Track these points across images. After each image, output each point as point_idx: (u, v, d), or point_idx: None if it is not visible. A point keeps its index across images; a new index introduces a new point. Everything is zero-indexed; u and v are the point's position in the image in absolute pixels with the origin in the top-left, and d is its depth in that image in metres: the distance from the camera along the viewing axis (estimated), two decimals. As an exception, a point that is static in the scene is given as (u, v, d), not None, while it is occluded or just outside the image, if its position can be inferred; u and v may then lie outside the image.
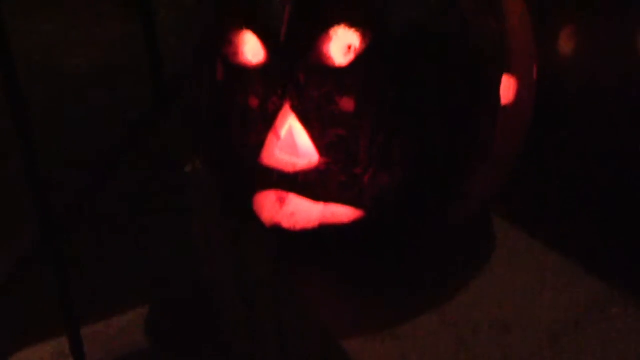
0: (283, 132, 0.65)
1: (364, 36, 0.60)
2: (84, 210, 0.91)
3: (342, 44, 0.61)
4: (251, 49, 0.65)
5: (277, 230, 0.69)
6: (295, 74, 0.62)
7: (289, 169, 0.65)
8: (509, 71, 0.63)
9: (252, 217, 0.71)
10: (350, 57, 0.61)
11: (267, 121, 0.65)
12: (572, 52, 0.78)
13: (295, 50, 0.62)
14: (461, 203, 0.66)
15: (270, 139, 0.65)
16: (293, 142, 0.66)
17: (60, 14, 3.03)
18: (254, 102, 0.65)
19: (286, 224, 0.68)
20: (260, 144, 0.66)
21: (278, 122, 0.64)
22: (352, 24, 0.60)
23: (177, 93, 0.86)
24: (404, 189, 0.62)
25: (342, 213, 0.66)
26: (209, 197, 0.99)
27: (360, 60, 0.60)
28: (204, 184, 1.00)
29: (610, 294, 0.65)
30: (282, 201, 0.69)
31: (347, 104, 0.61)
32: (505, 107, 0.63)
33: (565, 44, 0.78)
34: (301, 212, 0.68)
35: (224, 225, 0.89)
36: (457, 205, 0.66)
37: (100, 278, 1.34)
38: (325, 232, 0.67)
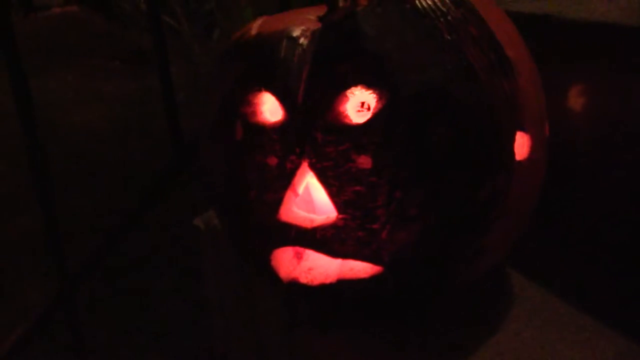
0: (301, 189, 0.66)
1: (380, 96, 0.61)
2: (98, 269, 0.91)
3: (358, 104, 0.63)
4: (269, 108, 0.67)
5: (294, 285, 0.69)
6: (312, 132, 0.64)
7: (307, 225, 0.66)
8: (522, 128, 0.64)
9: (269, 274, 0.71)
10: (367, 115, 0.62)
11: (285, 179, 0.66)
12: (582, 109, 0.79)
13: (313, 110, 0.64)
14: (479, 258, 0.66)
15: (289, 196, 0.66)
16: (311, 199, 0.68)
17: (71, 72, 3.10)
18: (272, 160, 0.66)
19: (304, 279, 0.69)
20: (278, 201, 0.66)
21: (296, 179, 0.65)
22: (368, 84, 0.62)
23: (194, 150, 0.87)
24: (422, 245, 0.63)
25: (360, 269, 0.66)
26: (221, 253, 1.00)
27: (377, 119, 0.62)
28: (215, 238, 1.02)
29: (632, 349, 0.65)
30: (299, 257, 0.70)
31: (364, 161, 0.62)
32: (520, 162, 0.64)
33: (574, 101, 0.79)
34: (319, 267, 0.68)
35: (238, 283, 0.90)
36: (476, 261, 0.66)
37: (113, 330, 1.35)
38: (343, 287, 0.67)
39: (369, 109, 0.63)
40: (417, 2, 0.63)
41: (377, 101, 0.62)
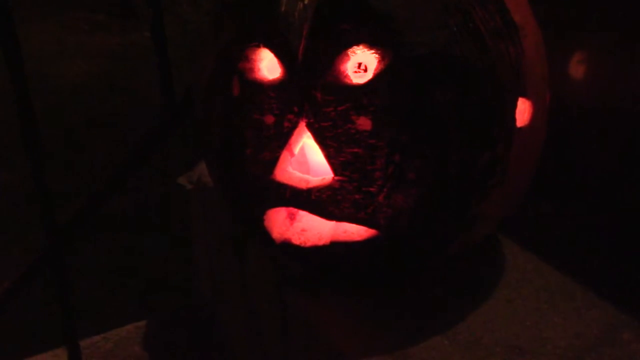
0: (297, 150, 0.65)
1: (382, 56, 0.60)
2: (87, 223, 0.90)
3: (355, 64, 0.61)
4: (268, 65, 0.65)
5: (287, 246, 0.68)
6: (312, 92, 0.62)
7: (302, 185, 0.65)
8: (525, 95, 0.63)
9: (261, 234, 0.70)
10: (364, 77, 0.61)
11: (282, 138, 0.64)
12: (583, 76, 0.78)
13: (313, 68, 0.62)
14: (476, 226, 0.66)
15: (284, 155, 0.65)
16: (305, 160, 0.67)
17: (54, 24, 3.03)
18: (269, 118, 0.65)
19: (296, 240, 0.68)
20: (274, 161, 0.65)
21: (293, 139, 0.64)
22: (371, 44, 0.60)
23: (187, 106, 0.85)
24: (418, 210, 0.62)
25: (354, 232, 0.65)
26: (209, 212, 0.99)
27: (379, 79, 0.60)
28: (202, 196, 1.00)
29: (621, 319, 0.65)
30: (292, 217, 0.69)
31: (363, 123, 0.61)
32: (520, 129, 0.63)
33: (576, 69, 0.78)
34: (312, 229, 0.68)
35: (228, 243, 0.89)
36: (472, 228, 0.66)
37: (99, 290, 1.34)
38: (336, 249, 0.67)
39: (365, 70, 0.62)
40: (424, -39, 0.61)
41: (379, 61, 0.60)
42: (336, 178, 0.63)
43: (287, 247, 0.68)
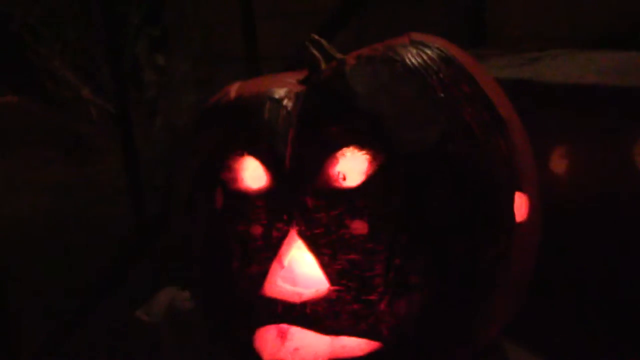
0: (287, 261, 0.61)
1: (374, 157, 0.58)
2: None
3: (351, 166, 0.59)
4: (252, 174, 0.62)
5: (281, 369, 0.63)
6: (301, 198, 0.59)
7: (295, 299, 0.60)
8: (520, 189, 0.62)
9: (251, 357, 0.64)
10: (360, 178, 0.58)
11: (271, 249, 0.61)
12: (564, 172, 0.78)
13: (301, 174, 0.60)
14: (484, 327, 0.62)
15: (274, 268, 0.61)
16: (299, 271, 0.62)
17: (6, 161, 2.98)
18: (256, 229, 0.61)
19: (291, 361, 0.62)
20: (262, 274, 0.61)
21: (283, 249, 0.60)
22: (361, 145, 0.58)
23: (160, 226, 0.81)
24: (424, 316, 0.58)
25: (354, 346, 0.60)
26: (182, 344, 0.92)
27: (372, 181, 0.58)
28: (174, 326, 0.94)
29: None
30: (283, 337, 0.64)
31: (359, 226, 0.58)
32: (519, 224, 0.61)
33: (557, 164, 0.78)
34: (306, 347, 0.62)
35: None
36: (481, 330, 0.62)
37: None
38: (336, 368, 0.61)
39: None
40: (407, 59, 0.61)
41: (370, 162, 0.58)
42: (332, 288, 0.59)
43: (281, 369, 0.63)
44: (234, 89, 0.67)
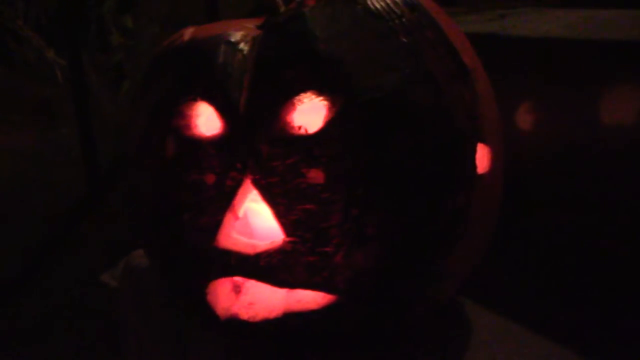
0: (242, 211, 0.59)
1: (332, 103, 0.55)
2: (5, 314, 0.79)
3: (307, 112, 0.56)
4: (206, 120, 0.60)
5: (234, 323, 0.61)
6: (256, 145, 0.57)
7: (249, 251, 0.58)
8: (483, 140, 0.60)
9: (204, 311, 0.62)
10: (318, 124, 0.56)
11: (224, 199, 0.58)
12: (530, 126, 0.77)
13: (257, 120, 0.57)
14: (443, 282, 0.60)
15: (228, 218, 0.58)
16: (256, 224, 0.60)
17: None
18: (209, 178, 0.59)
19: (245, 315, 0.60)
20: (216, 225, 0.58)
21: (237, 199, 0.58)
22: (319, 90, 0.56)
23: (112, 179, 0.78)
24: (381, 268, 0.57)
25: (310, 299, 0.59)
26: (143, 306, 0.90)
27: (330, 128, 0.55)
28: (134, 288, 0.91)
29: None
30: (238, 290, 0.62)
31: (315, 175, 0.56)
32: (481, 176, 0.59)
33: (522, 116, 0.76)
34: (261, 300, 0.60)
35: (164, 323, 0.80)
36: (439, 285, 0.60)
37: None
38: (290, 321, 0.59)
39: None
40: (369, 3, 0.58)
41: (328, 109, 0.56)
42: (287, 239, 0.57)
43: (235, 323, 0.61)
44: (188, 32, 0.64)
